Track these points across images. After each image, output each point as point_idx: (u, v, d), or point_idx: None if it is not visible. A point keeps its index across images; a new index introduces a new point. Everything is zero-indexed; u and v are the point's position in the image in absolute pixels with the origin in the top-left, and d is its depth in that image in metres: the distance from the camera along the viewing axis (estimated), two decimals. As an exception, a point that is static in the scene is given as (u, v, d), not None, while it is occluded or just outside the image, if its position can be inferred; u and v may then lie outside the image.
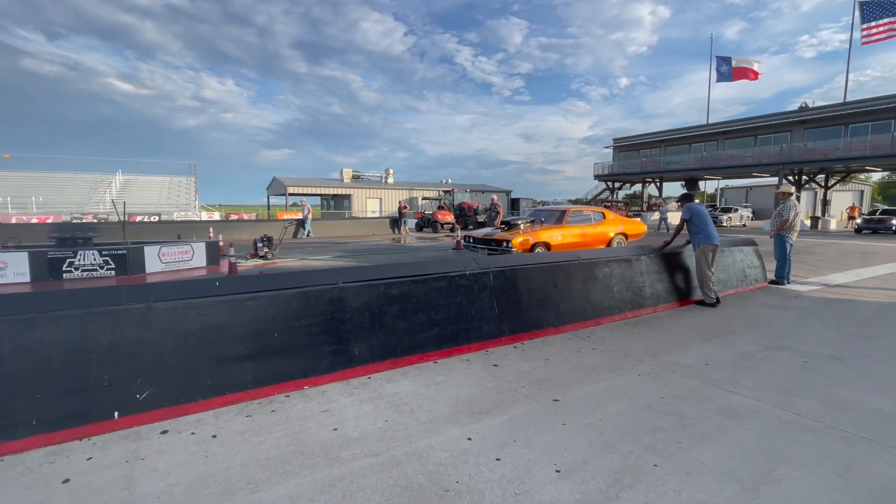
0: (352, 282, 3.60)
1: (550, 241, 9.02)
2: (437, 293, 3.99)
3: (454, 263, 4.25)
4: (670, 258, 6.05)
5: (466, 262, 4.30)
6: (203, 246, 9.43)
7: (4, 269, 7.34)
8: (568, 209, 9.92)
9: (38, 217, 20.72)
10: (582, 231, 9.58)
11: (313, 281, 3.47)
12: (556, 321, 4.67)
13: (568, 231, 9.38)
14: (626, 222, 10.69)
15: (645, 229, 11.20)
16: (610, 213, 10.53)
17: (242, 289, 3.19)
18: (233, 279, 3.22)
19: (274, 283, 3.32)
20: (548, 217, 10.02)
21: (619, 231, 10.24)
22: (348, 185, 37.07)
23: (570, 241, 9.30)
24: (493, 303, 4.29)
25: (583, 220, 9.89)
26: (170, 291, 2.99)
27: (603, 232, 9.93)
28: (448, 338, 3.97)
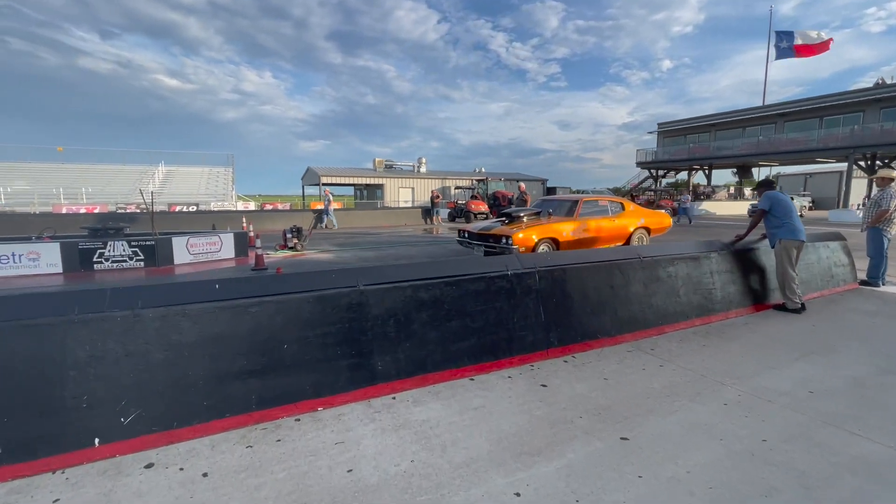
0: (374, 284, 3.07)
1: (559, 236, 7.75)
2: (473, 297, 3.40)
3: (493, 262, 3.64)
4: (744, 256, 5.19)
5: (508, 260, 3.69)
6: (231, 237, 9.23)
7: (37, 259, 7.34)
8: (581, 199, 8.52)
9: (87, 207, 21.59)
10: (597, 224, 8.30)
11: (329, 283, 2.95)
12: (612, 330, 3.99)
13: (580, 225, 8.07)
14: (649, 215, 9.33)
15: (670, 223, 9.83)
16: (630, 204, 9.17)
17: (246, 293, 2.72)
18: (235, 282, 2.76)
19: (283, 286, 2.83)
20: (556, 208, 8.66)
21: (641, 225, 8.93)
22: (381, 174, 36.88)
23: (582, 236, 8.03)
24: (538, 308, 3.66)
25: (598, 211, 8.55)
26: (160, 296, 2.54)
27: (621, 226, 8.64)
28: (486, 350, 3.38)
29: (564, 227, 7.87)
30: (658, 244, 4.87)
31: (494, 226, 8.13)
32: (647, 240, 9.08)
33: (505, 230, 7.66)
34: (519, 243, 7.28)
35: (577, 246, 7.91)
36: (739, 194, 33.37)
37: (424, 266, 3.38)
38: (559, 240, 7.76)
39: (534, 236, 7.49)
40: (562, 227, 7.84)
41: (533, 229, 7.61)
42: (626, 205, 9.05)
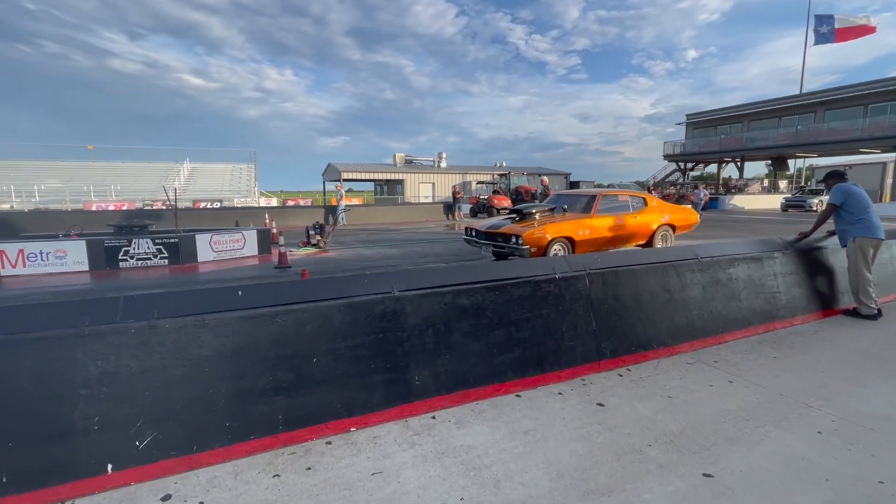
0: (411, 290, 2.76)
1: (574, 235, 7.04)
2: (518, 304, 3.06)
3: (540, 265, 3.29)
4: (809, 255, 4.69)
5: (555, 262, 3.33)
6: (255, 234, 9.11)
7: (64, 257, 7.32)
8: (599, 193, 7.75)
9: (115, 204, 22.05)
10: (616, 222, 7.57)
11: (362, 289, 2.66)
12: (668, 338, 3.60)
13: (598, 222, 7.37)
14: (674, 210, 8.56)
15: (697, 219, 8.99)
16: (653, 199, 8.38)
17: (271, 300, 2.45)
18: (258, 288, 2.50)
19: (311, 293, 2.55)
20: (572, 204, 7.92)
21: (665, 222, 8.16)
22: (401, 169, 36.69)
23: (600, 235, 7.34)
24: (589, 315, 3.30)
25: (617, 207, 7.80)
26: (178, 305, 2.29)
27: (644, 223, 7.89)
28: (533, 362, 3.05)
29: (580, 224, 7.17)
30: (714, 242, 4.42)
31: (504, 223, 7.45)
32: (671, 238, 8.34)
33: (515, 228, 7.01)
34: (530, 243, 6.65)
35: (595, 246, 7.31)
36: (773, 187, 31.93)
37: (464, 269, 3.05)
38: (575, 239, 7.06)
39: (547, 235, 6.83)
40: (578, 224, 7.14)
41: (546, 227, 6.91)
42: (649, 200, 8.28)
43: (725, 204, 27.53)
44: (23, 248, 7.07)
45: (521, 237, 6.65)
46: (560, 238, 6.96)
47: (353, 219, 18.30)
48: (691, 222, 8.76)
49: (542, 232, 6.83)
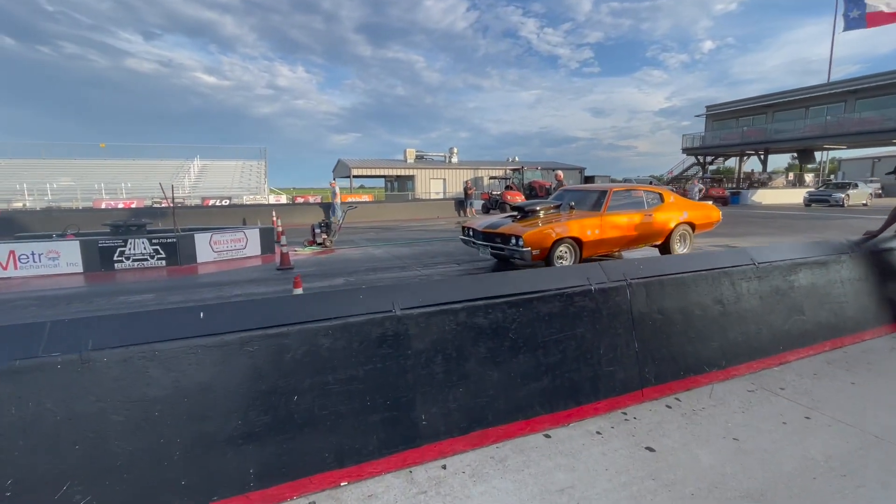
0: (416, 307, 2.25)
1: (582, 235, 6.29)
2: (547, 322, 2.54)
3: (572, 274, 2.75)
4: (880, 258, 4.06)
5: (590, 271, 2.79)
6: (257, 232, 8.70)
7: (58, 258, 6.99)
8: (610, 189, 6.97)
9: (125, 202, 21.97)
10: (629, 221, 6.80)
11: (355, 307, 2.16)
12: (722, 360, 3.04)
13: (609, 221, 6.60)
14: (693, 207, 7.73)
15: (719, 216, 8.13)
16: (670, 195, 7.55)
17: (241, 324, 1.96)
18: (226, 309, 2.02)
19: (292, 313, 2.06)
20: (580, 201, 7.11)
21: (684, 220, 7.35)
22: (412, 165, 36.19)
23: (611, 235, 6.60)
24: (630, 334, 2.75)
25: (631, 204, 6.98)
26: (121, 332, 1.82)
27: (660, 221, 7.11)
28: (565, 392, 2.52)
29: (589, 223, 6.42)
30: (769, 245, 3.83)
31: (503, 223, 6.68)
32: (690, 238, 7.53)
33: (515, 228, 6.25)
34: (531, 244, 5.95)
35: (605, 248, 6.68)
36: (799, 181, 30.66)
37: (481, 281, 2.53)
38: (582, 240, 6.33)
39: (551, 236, 6.11)
40: (586, 223, 6.40)
41: (550, 227, 6.17)
42: (666, 195, 7.42)
43: (748, 199, 26.49)
44: (14, 249, 6.75)
45: (521, 238, 5.93)
46: (566, 239, 6.23)
47: (363, 216, 17.87)
48: (712, 220, 7.94)
49: (546, 232, 6.11)
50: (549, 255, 6.10)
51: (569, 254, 6.31)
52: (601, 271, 2.80)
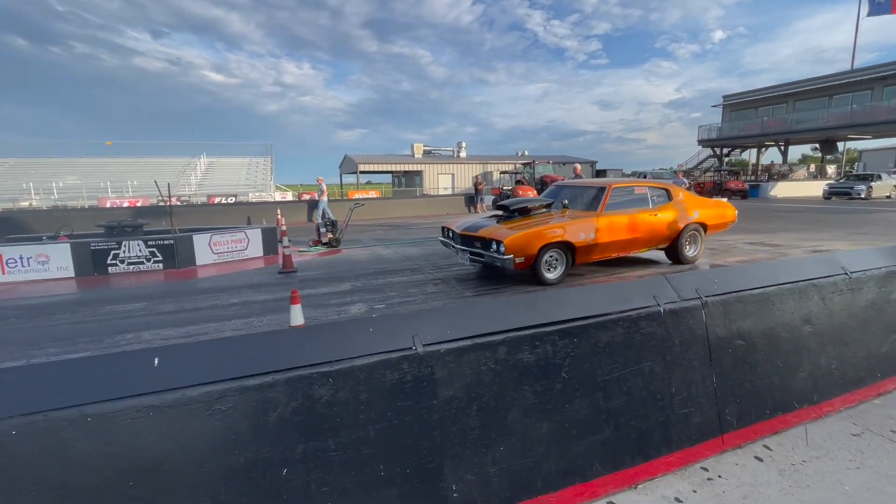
0: (443, 342, 1.72)
1: (574, 239, 5.44)
2: (607, 355, 1.99)
3: (635, 292, 2.19)
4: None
5: (656, 286, 2.23)
6: (259, 233, 8.22)
7: (47, 262, 6.57)
8: (609, 185, 6.10)
9: (130, 201, 21.71)
10: (632, 221, 5.93)
11: (364, 344, 1.63)
12: (813, 392, 2.48)
13: (608, 222, 5.72)
14: (705, 205, 6.76)
15: (735, 215, 7.09)
16: (679, 191, 6.60)
17: (211, 374, 1.44)
18: (191, 352, 1.50)
19: (280, 356, 1.54)
20: (575, 198, 6.25)
21: (695, 220, 6.42)
22: (419, 160, 35.58)
23: (610, 238, 5.73)
24: (706, 366, 2.20)
25: (633, 202, 6.11)
26: (36, 390, 1.31)
27: (667, 221, 6.22)
28: (630, 444, 1.98)
29: (584, 225, 5.57)
30: (855, 250, 3.24)
31: (485, 224, 5.81)
32: (702, 240, 6.60)
33: (496, 231, 5.38)
34: (514, 250, 5.09)
35: (602, 252, 5.81)
36: (821, 173, 29.57)
37: (525, 304, 1.99)
38: (575, 245, 5.48)
39: (535, 241, 5.23)
40: (580, 225, 5.55)
41: (536, 230, 5.31)
42: (674, 192, 6.51)
43: (767, 191, 25.56)
44: (1, 252, 6.34)
45: (502, 243, 5.09)
46: (555, 243, 5.38)
47: (370, 213, 17.38)
48: (727, 219, 7.00)
49: (532, 236, 5.26)
50: (536, 264, 5.30)
51: (559, 261, 5.51)
52: (670, 287, 2.24)
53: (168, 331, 4.12)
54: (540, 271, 5.35)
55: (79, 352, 3.65)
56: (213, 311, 4.73)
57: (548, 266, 5.44)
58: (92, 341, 3.89)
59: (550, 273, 5.45)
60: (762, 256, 7.08)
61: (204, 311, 4.75)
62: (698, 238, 6.57)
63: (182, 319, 4.47)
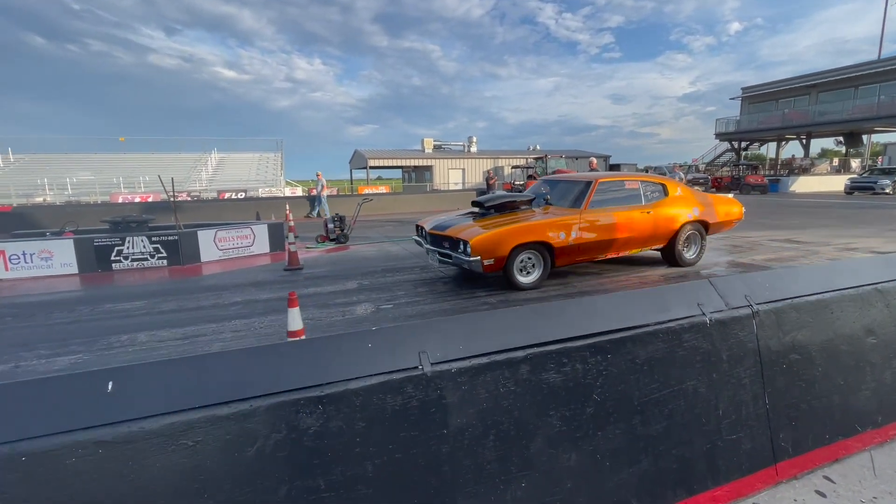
0: (455, 360, 1.46)
1: (552, 239, 4.91)
2: (645, 372, 1.71)
3: (676, 298, 1.90)
4: None
5: (700, 290, 1.94)
6: (265, 228, 8.04)
7: (51, 259, 6.45)
8: (595, 179, 5.55)
9: (141, 196, 21.80)
10: (620, 219, 5.32)
11: (360, 363, 1.38)
12: (877, 413, 2.17)
13: (591, 220, 5.17)
14: (707, 202, 6.13)
15: (741, 213, 6.47)
16: (676, 186, 5.99)
17: (174, 402, 1.20)
18: (153, 373, 1.26)
19: (259, 378, 1.29)
20: (557, 194, 5.72)
21: (694, 218, 5.83)
22: (430, 155, 35.27)
23: (594, 238, 5.16)
24: (758, 383, 1.91)
25: (623, 198, 5.54)
26: (-44, 427, 1.07)
27: (662, 219, 5.63)
28: (672, 476, 1.70)
29: (564, 223, 5.02)
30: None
31: (456, 222, 5.30)
32: (703, 240, 6.02)
33: (463, 230, 4.90)
34: (481, 252, 4.60)
35: (587, 253, 5.26)
36: (845, 167, 28.57)
37: (549, 313, 1.71)
38: (553, 245, 4.94)
39: (508, 241, 4.72)
40: (560, 224, 5.00)
41: (508, 229, 4.79)
42: (670, 187, 5.91)
43: (788, 186, 24.78)
44: (3, 249, 6.24)
45: (468, 243, 4.60)
46: (530, 244, 4.88)
47: (379, 209, 17.17)
48: (732, 217, 6.36)
49: (502, 235, 4.74)
50: (509, 266, 4.85)
51: (536, 264, 5.04)
52: (715, 294, 1.95)
53: (165, 332, 3.93)
54: (512, 275, 4.89)
55: (70, 354, 3.48)
56: (213, 311, 4.54)
57: (522, 269, 4.98)
58: (85, 342, 3.72)
59: (525, 277, 4.99)
60: (790, 255, 6.69)
61: (205, 311, 4.56)
62: (698, 238, 6.03)
63: (181, 319, 4.28)
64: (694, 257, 5.98)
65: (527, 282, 4.96)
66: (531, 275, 5.03)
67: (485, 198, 5.59)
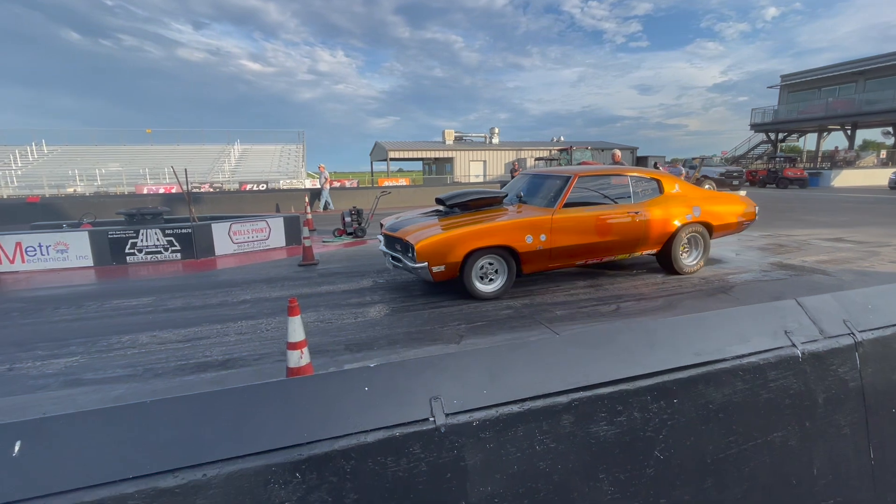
0: (476, 409, 1.12)
1: (517, 243, 4.34)
2: (721, 421, 1.34)
3: (753, 321, 1.50)
4: None
5: (786, 316, 1.54)
6: (281, 222, 7.84)
7: (66, 251, 6.40)
8: (575, 174, 4.84)
9: (165, 187, 22.13)
10: (601, 220, 4.67)
11: (351, 415, 1.05)
12: None
13: (565, 221, 4.53)
14: (711, 200, 5.38)
15: (754, 213, 5.68)
16: (673, 182, 5.25)
17: (97, 472, 0.89)
18: (73, 427, 0.97)
19: (218, 434, 0.98)
20: (534, 190, 5.08)
21: (695, 219, 5.12)
22: (451, 147, 34.80)
23: (568, 241, 4.55)
24: (861, 433, 1.51)
25: (608, 196, 4.88)
26: None
27: (656, 220, 4.93)
28: (753, 557, 1.33)
29: (532, 225, 4.40)
30: None
31: (413, 222, 4.73)
32: (705, 244, 5.28)
33: (412, 232, 4.38)
34: (428, 257, 4.07)
35: (560, 259, 4.62)
36: (892, 160, 26.79)
37: (593, 342, 1.35)
38: (518, 250, 4.35)
39: (462, 245, 4.16)
40: (527, 225, 4.39)
41: (463, 231, 4.20)
42: (666, 183, 5.17)
43: (829, 180, 23.39)
44: (20, 240, 6.20)
45: (414, 248, 4.08)
46: (490, 248, 4.29)
47: (398, 201, 16.90)
48: (741, 219, 5.53)
49: (455, 239, 4.15)
50: (466, 274, 4.27)
51: (499, 271, 4.47)
52: (806, 317, 1.54)
53: (168, 332, 3.72)
54: (470, 283, 4.33)
55: (67, 356, 3.29)
56: (220, 310, 4.33)
57: (483, 278, 4.44)
58: (85, 343, 3.54)
59: (486, 285, 4.44)
60: (846, 255, 6.08)
61: (211, 309, 4.35)
62: (700, 241, 5.31)
63: (186, 319, 4.08)
64: (694, 264, 5.29)
65: (487, 291, 4.41)
66: (493, 282, 4.47)
67: (446, 195, 4.98)
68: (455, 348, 3.28)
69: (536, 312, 4.03)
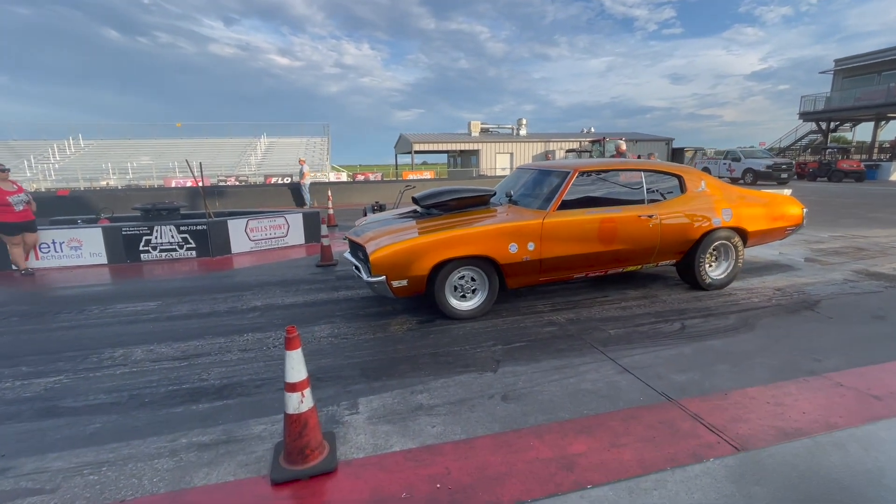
0: None
1: (497, 253, 3.59)
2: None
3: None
4: None
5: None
6: (300, 218, 7.44)
7: (80, 248, 6.16)
8: (574, 170, 4.02)
9: (192, 181, 22.34)
10: (606, 224, 3.88)
11: None
12: None
13: (560, 225, 3.76)
14: (745, 201, 4.47)
15: (801, 216, 4.77)
16: (698, 180, 4.36)
17: None
18: None
19: None
20: (528, 189, 4.34)
21: (725, 224, 4.27)
22: (476, 139, 33.98)
23: (563, 251, 3.78)
24: None
25: (615, 195, 4.07)
26: None
27: (675, 225, 4.12)
28: None
29: (518, 231, 3.65)
30: None
31: (382, 225, 4.15)
32: (737, 253, 4.41)
33: (373, 238, 3.73)
34: (386, 269, 3.41)
35: (552, 272, 3.86)
36: (961, 150, 24.44)
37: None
38: (499, 261, 3.62)
39: (428, 255, 3.45)
40: (512, 231, 3.64)
41: (430, 239, 3.49)
42: (689, 180, 4.32)
43: (889, 173, 21.53)
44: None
45: (369, 259, 3.44)
46: (465, 259, 3.58)
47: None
48: (785, 223, 4.69)
49: (419, 248, 3.45)
50: (437, 289, 3.59)
51: (479, 286, 3.77)
52: None
53: (165, 347, 3.32)
54: (442, 299, 3.62)
55: (52, 374, 2.92)
56: (227, 318, 3.91)
57: (455, 294, 3.73)
58: (74, 358, 3.16)
59: (462, 301, 3.75)
60: (946, 263, 5.18)
61: (218, 318, 3.94)
62: (731, 251, 4.42)
63: (188, 330, 3.67)
64: (723, 277, 4.41)
65: (463, 309, 3.71)
66: (471, 299, 3.77)
67: (421, 194, 4.28)
68: (491, 377, 2.73)
69: (584, 331, 3.43)
